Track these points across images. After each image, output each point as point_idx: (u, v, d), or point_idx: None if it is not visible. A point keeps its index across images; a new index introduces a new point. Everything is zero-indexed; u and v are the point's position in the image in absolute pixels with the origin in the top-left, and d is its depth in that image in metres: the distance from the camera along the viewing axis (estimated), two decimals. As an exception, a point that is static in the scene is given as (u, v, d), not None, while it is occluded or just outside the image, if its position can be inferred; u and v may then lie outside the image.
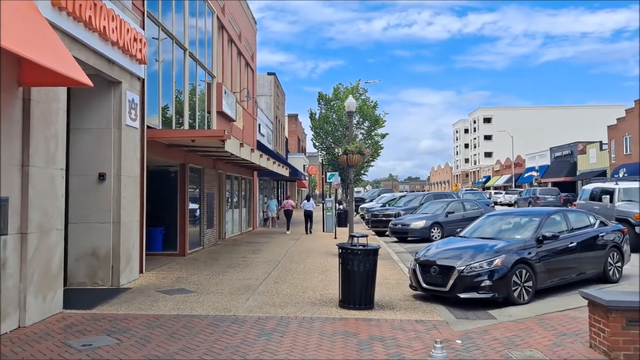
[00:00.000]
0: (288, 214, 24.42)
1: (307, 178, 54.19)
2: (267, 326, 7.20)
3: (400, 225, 19.82)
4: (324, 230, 24.34)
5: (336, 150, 15.85)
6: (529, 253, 8.90)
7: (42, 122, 7.44)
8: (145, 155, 11.53)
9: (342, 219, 25.69)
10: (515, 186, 74.41)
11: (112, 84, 10.11)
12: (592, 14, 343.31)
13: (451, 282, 8.57)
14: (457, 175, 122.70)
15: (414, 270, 9.26)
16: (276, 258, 14.57)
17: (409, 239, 19.88)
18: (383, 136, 35.36)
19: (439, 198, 24.48)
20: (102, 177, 9.99)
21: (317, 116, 35.17)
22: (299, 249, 17.04)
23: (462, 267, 8.56)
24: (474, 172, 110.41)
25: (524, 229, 9.79)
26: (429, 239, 19.23)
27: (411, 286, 9.52)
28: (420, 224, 19.32)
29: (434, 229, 19.43)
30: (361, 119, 33.61)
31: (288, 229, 23.73)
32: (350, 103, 15.97)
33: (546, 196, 35.53)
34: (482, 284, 8.43)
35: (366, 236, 8.58)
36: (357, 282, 8.23)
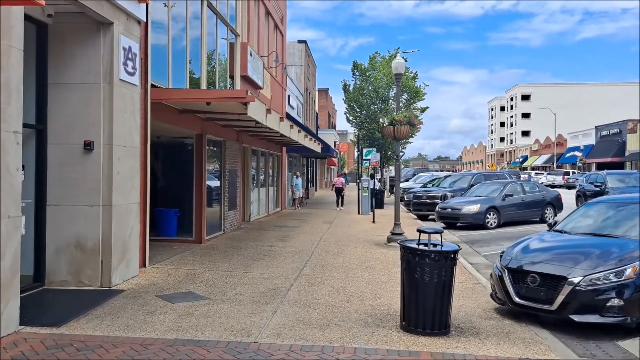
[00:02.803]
0: (339, 190, 25.77)
1: (337, 155, 51.69)
2: (302, 366, 4.87)
3: (449, 210, 17.24)
4: (359, 213, 21.93)
5: (380, 120, 13.30)
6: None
7: (-19, 62, 5.16)
8: (149, 121, 9.23)
9: (379, 200, 23.19)
10: (557, 167, 70.40)
11: (101, 25, 7.77)
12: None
13: (560, 298, 6.07)
14: (491, 154, 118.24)
15: (500, 278, 6.78)
16: (308, 247, 12.24)
17: (458, 224, 17.32)
18: (423, 110, 32.23)
19: (490, 178, 21.72)
20: (88, 146, 7.73)
21: (351, 88, 32.42)
22: (334, 235, 14.67)
23: (578, 279, 6.03)
24: (509, 151, 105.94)
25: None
26: (483, 226, 16.65)
27: (493, 297, 7.06)
28: (474, 208, 16.71)
29: (490, 215, 16.79)
30: (400, 90, 30.74)
31: (342, 205, 25.34)
32: (399, 64, 13.34)
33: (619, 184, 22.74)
34: (609, 304, 5.89)
35: (441, 232, 6.11)
36: (428, 297, 5.81)
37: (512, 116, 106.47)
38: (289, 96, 25.67)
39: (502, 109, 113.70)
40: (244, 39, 16.12)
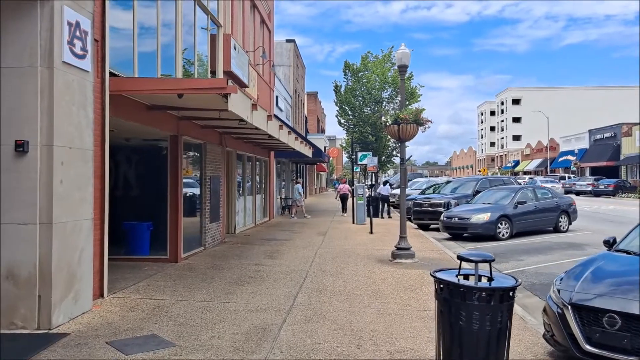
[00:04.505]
0: (344, 198, 25.47)
1: (328, 161, 50.05)
2: None
3: (456, 219, 15.62)
4: (354, 222, 20.26)
5: (383, 118, 11.69)
6: None
7: None
8: (108, 117, 7.51)
9: (375, 209, 21.55)
10: (550, 171, 69.39)
11: (38, -8, 6.06)
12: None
13: (655, 349, 4.44)
14: (481, 159, 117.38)
15: (560, 317, 5.14)
16: (302, 266, 10.55)
17: (465, 235, 15.72)
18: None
19: (495, 184, 20.18)
20: (20, 147, 6.00)
21: (342, 89, 30.78)
22: (330, 250, 12.98)
23: (679, 322, 4.41)
24: (500, 156, 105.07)
25: None
26: (494, 237, 15.08)
27: (548, 339, 5.42)
28: (484, 217, 15.11)
29: (501, 224, 15.21)
30: (394, 92, 29.15)
31: (345, 212, 24.83)
32: (404, 54, 11.74)
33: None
34: None
35: (491, 260, 4.45)
36: (479, 350, 4.15)
37: (502, 120, 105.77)
38: (277, 97, 24.00)
39: (493, 113, 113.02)
40: (227, 30, 14.45)
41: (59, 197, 6.15)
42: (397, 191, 30.17)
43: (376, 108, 29.06)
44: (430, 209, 18.72)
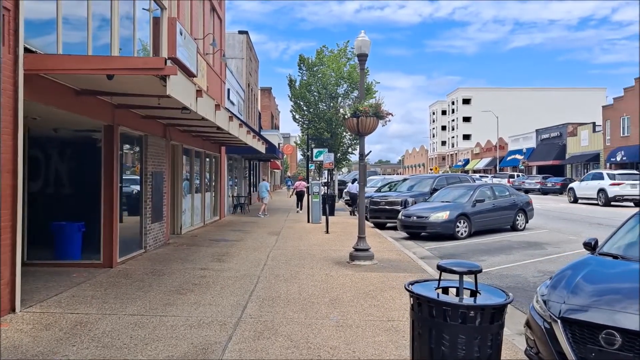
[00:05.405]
0: (300, 195, 25.03)
1: (282, 158, 49.05)
2: None
3: (415, 218, 15.05)
4: (309, 221, 19.45)
5: (341, 111, 10.96)
6: None
7: None
8: (21, 101, 6.37)
9: (330, 207, 20.80)
10: (499, 170, 70.89)
11: None
12: (560, 1, 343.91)
13: (660, 371, 3.82)
14: (433, 158, 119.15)
15: (547, 333, 4.46)
16: (252, 270, 9.63)
17: (423, 234, 15.19)
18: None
19: (452, 182, 19.81)
20: None
21: (297, 84, 29.84)
22: (284, 251, 12.11)
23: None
24: (451, 155, 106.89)
25: None
26: (453, 236, 14.60)
27: (533, 355, 4.75)
28: (443, 215, 14.60)
29: (460, 223, 14.74)
30: (350, 88, 28.46)
31: (300, 208, 24.55)
32: (363, 42, 10.99)
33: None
34: None
35: (477, 271, 3.71)
36: (464, 383, 3.40)
37: (453, 120, 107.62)
38: (228, 90, 22.85)
39: (444, 112, 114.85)
40: (173, 14, 13.31)
41: (-50, 195, 5.02)
42: (355, 188, 29.63)
43: (332, 104, 28.27)
44: (387, 207, 18.14)
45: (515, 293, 7.86)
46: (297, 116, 30.08)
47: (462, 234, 14.68)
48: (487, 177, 58.24)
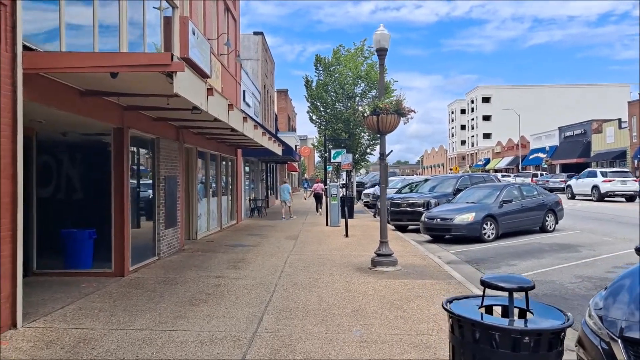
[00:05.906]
0: (318, 197, 25.08)
1: (299, 160, 48.64)
2: None
3: (439, 220, 14.42)
4: (327, 224, 18.91)
5: (360, 109, 10.41)
6: None
7: None
8: (21, 102, 5.98)
9: (349, 209, 20.23)
10: (521, 169, 69.48)
11: None
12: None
13: None
14: (452, 158, 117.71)
15: (607, 353, 3.86)
16: (269, 278, 9.13)
17: (447, 237, 14.55)
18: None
19: (476, 182, 19.10)
20: None
21: (314, 84, 29.35)
22: (302, 256, 11.60)
23: None
24: (471, 154, 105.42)
25: None
26: (479, 238, 13.94)
27: (585, 380, 4.15)
28: (468, 217, 13.95)
29: (487, 225, 14.07)
30: (367, 87, 27.87)
31: (318, 211, 24.67)
32: (382, 36, 10.44)
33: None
34: None
35: (530, 287, 3.15)
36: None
37: (472, 119, 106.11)
38: (244, 92, 22.47)
39: (463, 111, 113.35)
40: (185, 13, 12.93)
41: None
42: (372, 190, 29.07)
43: (349, 104, 27.71)
44: (409, 209, 17.52)
45: (553, 302, 7.25)
46: (314, 117, 29.58)
47: (488, 236, 14.00)
48: (510, 176, 57.05)
